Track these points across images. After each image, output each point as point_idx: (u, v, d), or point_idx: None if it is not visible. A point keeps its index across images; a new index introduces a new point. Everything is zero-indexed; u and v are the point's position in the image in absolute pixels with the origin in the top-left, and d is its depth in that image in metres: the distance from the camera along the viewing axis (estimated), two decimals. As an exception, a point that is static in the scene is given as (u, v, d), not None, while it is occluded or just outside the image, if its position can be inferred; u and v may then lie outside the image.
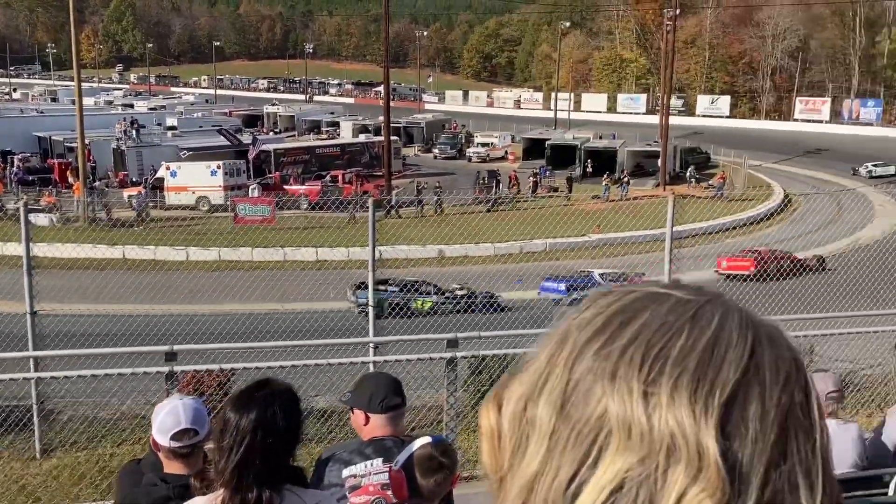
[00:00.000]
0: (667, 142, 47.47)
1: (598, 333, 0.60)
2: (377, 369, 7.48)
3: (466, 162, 56.67)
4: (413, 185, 39.78)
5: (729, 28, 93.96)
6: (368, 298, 8.61)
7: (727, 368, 0.57)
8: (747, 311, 0.62)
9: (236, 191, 37.37)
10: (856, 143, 65.95)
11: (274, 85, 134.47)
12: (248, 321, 17.87)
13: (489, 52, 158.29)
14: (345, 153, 49.49)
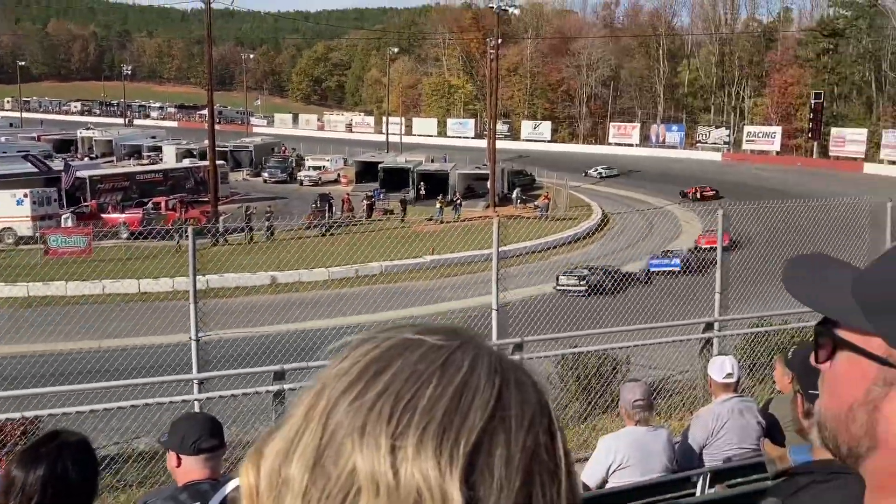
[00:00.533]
0: (494, 165, 49.23)
1: (352, 385, 0.60)
2: (202, 407, 7.13)
3: (298, 186, 55.89)
4: (242, 211, 38.68)
5: (548, 57, 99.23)
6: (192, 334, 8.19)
7: (473, 415, 0.57)
8: (498, 355, 0.63)
9: (47, 221, 34.68)
10: (662, 164, 71.57)
11: (88, 108, 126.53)
12: (61, 362, 16.54)
13: (318, 75, 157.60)
14: (168, 179, 47.29)
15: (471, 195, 50.84)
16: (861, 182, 58.16)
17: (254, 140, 71.30)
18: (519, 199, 48.83)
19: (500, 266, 9.81)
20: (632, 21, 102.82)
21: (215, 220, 34.82)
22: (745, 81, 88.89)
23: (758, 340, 9.95)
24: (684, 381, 10.17)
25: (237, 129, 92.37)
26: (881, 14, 76.33)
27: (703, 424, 4.89)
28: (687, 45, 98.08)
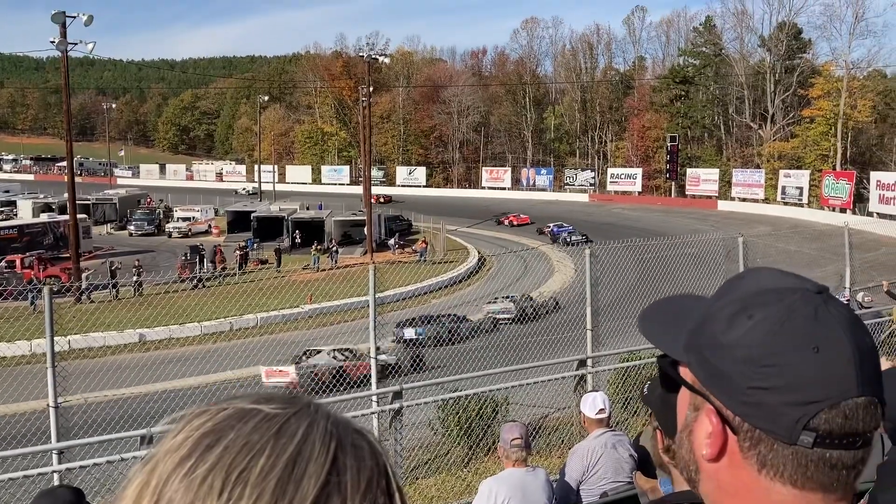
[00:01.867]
0: (371, 211, 49.32)
1: (184, 460, 0.59)
2: (62, 478, 6.64)
3: (166, 238, 53.89)
4: (106, 266, 36.82)
5: (419, 105, 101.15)
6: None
7: (307, 483, 0.58)
8: (335, 419, 0.63)
9: None
10: (533, 206, 73.97)
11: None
12: None
13: (186, 124, 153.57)
14: (24, 235, 44.45)
15: (348, 242, 50.63)
16: (716, 218, 62.24)
17: (118, 192, 68.30)
18: (396, 245, 49.03)
19: (377, 312, 9.78)
20: (499, 70, 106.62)
21: (77, 277, 32.92)
22: (606, 126, 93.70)
23: (629, 374, 10.32)
24: (562, 417, 10.40)
25: (100, 181, 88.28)
26: (726, 63, 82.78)
27: (579, 460, 5.00)
28: (551, 92, 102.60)
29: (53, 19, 33.98)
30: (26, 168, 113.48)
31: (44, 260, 38.57)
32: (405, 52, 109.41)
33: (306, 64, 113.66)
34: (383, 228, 53.85)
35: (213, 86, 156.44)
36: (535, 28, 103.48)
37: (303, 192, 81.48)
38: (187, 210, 60.09)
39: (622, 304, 17.48)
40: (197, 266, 38.80)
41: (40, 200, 60.37)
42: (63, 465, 6.89)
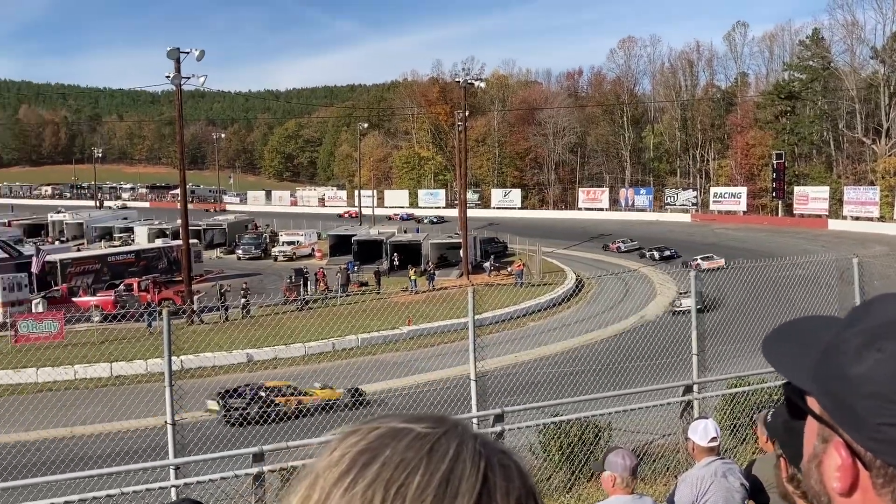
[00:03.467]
0: (466, 233, 49.60)
1: (343, 475, 0.63)
2: (179, 493, 6.96)
3: (272, 261, 55.77)
4: (216, 289, 38.40)
5: (515, 127, 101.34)
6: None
7: (461, 500, 0.61)
8: (483, 439, 0.67)
9: (17, 306, 34.13)
10: (632, 227, 72.61)
11: (59, 191, 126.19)
12: (33, 451, 16.03)
13: (290, 152, 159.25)
14: (140, 259, 46.98)
15: (444, 264, 51.03)
16: (826, 238, 59.40)
17: (227, 217, 71.35)
18: (492, 267, 49.06)
19: (476, 335, 9.82)
20: (595, 90, 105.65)
21: (190, 299, 34.48)
22: (708, 144, 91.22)
23: (737, 400, 9.97)
24: (667, 444, 10.13)
25: (210, 207, 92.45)
26: (835, 76, 79.29)
27: (689, 488, 4.87)
28: (650, 111, 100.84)
29: (169, 55, 35.99)
30: (142, 196, 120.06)
31: (159, 283, 40.58)
32: (500, 76, 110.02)
33: (404, 91, 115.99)
34: (479, 251, 54.03)
35: (316, 115, 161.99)
36: (632, 47, 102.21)
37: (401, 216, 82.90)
38: (292, 234, 62.06)
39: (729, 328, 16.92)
40: (301, 288, 39.95)
41: (155, 226, 63.79)
42: (180, 480, 7.22)
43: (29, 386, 24.19)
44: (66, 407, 20.71)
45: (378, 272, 44.98)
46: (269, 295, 38.20)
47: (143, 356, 25.16)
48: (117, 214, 78.54)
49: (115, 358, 25.71)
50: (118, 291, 38.28)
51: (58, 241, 62.41)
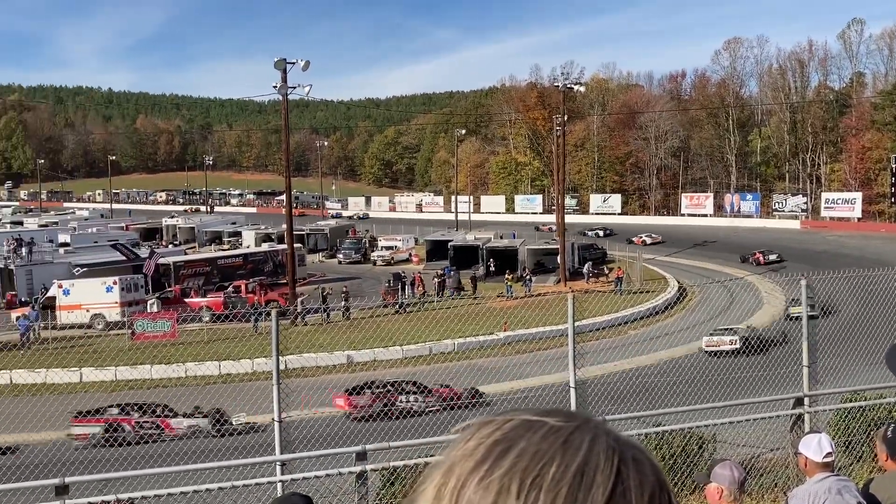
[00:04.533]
0: (564, 239, 49.14)
1: (479, 464, 0.65)
2: (285, 488, 7.20)
3: (371, 266, 56.86)
4: (318, 292, 39.45)
5: (614, 131, 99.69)
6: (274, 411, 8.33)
7: (596, 492, 0.63)
8: (615, 434, 0.69)
9: (134, 306, 36.08)
10: (738, 233, 70.12)
11: (173, 197, 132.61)
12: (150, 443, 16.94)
13: (389, 158, 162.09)
14: (247, 263, 48.81)
15: (541, 270, 50.71)
16: (952, 246, 55.65)
17: (329, 223, 73.24)
18: (590, 274, 48.42)
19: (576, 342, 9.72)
20: (699, 92, 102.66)
21: (294, 301, 35.57)
22: (819, 148, 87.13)
23: (852, 416, 9.49)
24: (775, 459, 9.74)
25: (313, 213, 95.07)
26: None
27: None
28: (757, 114, 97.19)
29: (276, 66, 37.29)
30: (250, 202, 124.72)
31: (265, 286, 42.06)
32: (600, 80, 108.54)
33: (501, 96, 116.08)
34: (577, 257, 53.44)
35: (414, 121, 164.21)
36: (738, 48, 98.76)
37: (497, 222, 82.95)
38: (390, 239, 63.13)
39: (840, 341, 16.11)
40: (399, 292, 40.57)
41: (261, 231, 66.17)
42: (286, 476, 7.47)
43: (145, 382, 25.52)
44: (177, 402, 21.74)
45: (474, 277, 45.14)
46: (369, 298, 38.98)
47: (250, 355, 26.12)
48: (226, 219, 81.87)
49: (223, 357, 26.81)
50: (227, 293, 39.86)
51: (171, 245, 65.62)
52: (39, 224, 70.58)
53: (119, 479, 8.04)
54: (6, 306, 38.91)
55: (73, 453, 13.10)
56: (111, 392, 24.07)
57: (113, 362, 26.80)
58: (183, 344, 30.07)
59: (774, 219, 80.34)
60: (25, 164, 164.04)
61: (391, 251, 59.50)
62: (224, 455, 12.96)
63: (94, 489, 8.01)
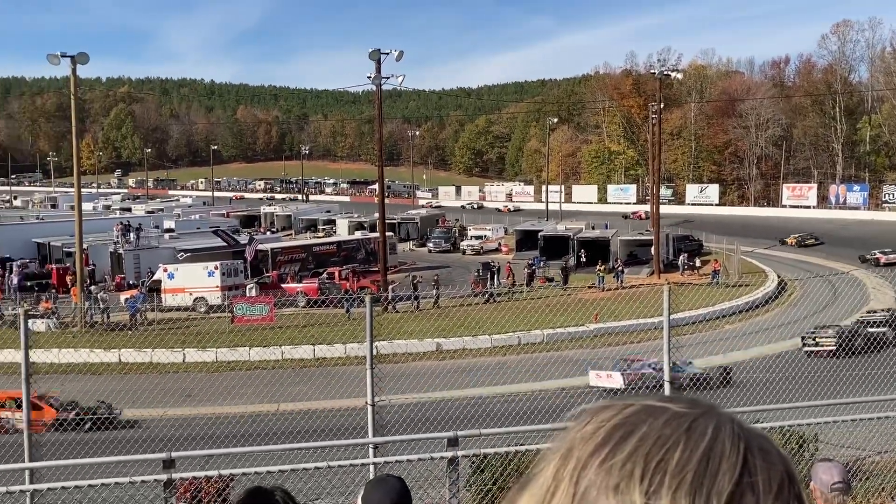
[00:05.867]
0: (658, 230, 48.04)
1: (599, 447, 0.65)
2: (377, 471, 7.36)
3: (461, 255, 57.12)
4: (409, 280, 39.96)
5: (713, 119, 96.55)
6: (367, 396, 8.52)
7: (722, 478, 0.62)
8: (739, 422, 0.67)
9: (234, 291, 37.44)
10: (844, 227, 66.85)
11: (271, 186, 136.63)
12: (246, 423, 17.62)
13: (480, 148, 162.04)
14: (341, 250, 49.86)
15: (634, 262, 49.77)
16: None
17: (419, 212, 73.98)
18: (686, 266, 47.18)
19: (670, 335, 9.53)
20: (804, 79, 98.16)
21: (385, 288, 36.16)
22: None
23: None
24: (882, 462, 9.31)
25: (404, 202, 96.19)
26: None
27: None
28: (867, 100, 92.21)
29: (370, 56, 37.83)
30: (343, 191, 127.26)
31: (357, 273, 42.92)
32: (698, 66, 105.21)
33: (595, 84, 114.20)
34: (671, 248, 52.17)
35: (506, 110, 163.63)
36: (847, 31, 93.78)
37: (588, 212, 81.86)
38: (480, 229, 63.24)
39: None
40: (488, 282, 40.64)
41: (354, 219, 67.46)
42: (379, 458, 7.65)
43: (244, 363, 26.51)
44: (274, 384, 22.51)
45: (565, 268, 44.73)
46: (458, 287, 39.21)
47: (343, 340, 26.73)
48: (321, 208, 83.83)
49: (317, 341, 27.54)
50: (321, 279, 40.85)
51: (269, 232, 67.73)
52: (146, 211, 74.15)
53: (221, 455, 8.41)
54: (116, 288, 41.06)
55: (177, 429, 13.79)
56: (212, 373, 25.11)
57: (214, 344, 27.93)
58: (279, 328, 31.05)
59: (884, 211, 76.17)
60: (134, 153, 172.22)
61: (481, 241, 59.61)
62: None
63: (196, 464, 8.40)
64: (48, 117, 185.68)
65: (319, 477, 7.37)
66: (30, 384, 8.11)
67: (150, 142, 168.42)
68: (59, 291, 38.62)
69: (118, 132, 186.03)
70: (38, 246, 50.71)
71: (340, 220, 68.35)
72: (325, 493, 7.96)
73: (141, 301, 34.71)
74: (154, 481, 6.75)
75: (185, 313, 35.57)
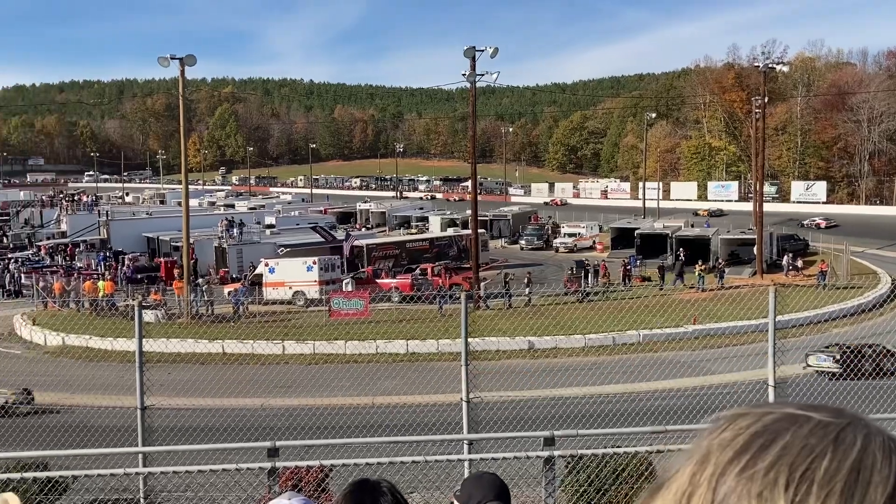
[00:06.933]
0: (762, 229, 46.25)
1: (739, 454, 0.63)
2: (472, 467, 7.39)
3: (554, 252, 56.57)
4: (501, 277, 39.88)
5: (821, 113, 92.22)
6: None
7: (874, 491, 0.59)
8: (889, 435, 0.65)
9: (331, 285, 38.29)
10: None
11: (366, 183, 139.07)
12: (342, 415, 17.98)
13: (574, 144, 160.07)
14: (433, 247, 50.24)
15: (735, 261, 48.09)
16: None
17: (512, 209, 73.74)
18: (790, 266, 45.26)
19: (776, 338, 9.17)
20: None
21: (477, 286, 36.22)
22: None
23: None
24: None
25: (496, 199, 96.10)
26: None
27: None
28: None
29: (465, 54, 37.91)
30: (436, 188, 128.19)
31: (450, 269, 43.14)
32: (805, 59, 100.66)
33: (695, 78, 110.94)
34: (775, 248, 50.17)
35: (601, 106, 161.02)
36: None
37: (687, 210, 79.65)
38: (573, 226, 62.48)
39: None
40: (582, 280, 40.10)
41: (447, 216, 67.85)
42: (475, 455, 7.67)
43: (340, 356, 27.09)
44: (368, 378, 22.91)
45: (662, 267, 43.66)
46: (551, 285, 38.85)
47: (435, 336, 26.94)
48: (414, 205, 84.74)
49: (410, 336, 27.85)
50: (414, 275, 41.29)
51: (364, 228, 68.97)
52: (249, 207, 76.71)
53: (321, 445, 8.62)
54: (220, 282, 42.71)
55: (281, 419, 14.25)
56: (309, 364, 25.78)
57: (311, 337, 28.67)
58: (374, 322, 31.55)
59: None
60: (237, 151, 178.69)
61: (574, 238, 58.90)
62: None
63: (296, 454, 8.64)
64: (158, 117, 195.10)
65: (416, 471, 7.46)
66: (143, 371, 8.54)
67: (253, 140, 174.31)
68: (167, 284, 40.47)
69: (222, 131, 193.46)
70: (147, 240, 53.33)
71: (433, 217, 68.90)
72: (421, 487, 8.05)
73: (243, 294, 35.98)
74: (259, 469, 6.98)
75: (284, 306, 36.64)
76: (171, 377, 19.75)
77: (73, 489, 8.35)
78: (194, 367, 23.56)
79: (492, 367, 22.31)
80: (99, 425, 14.93)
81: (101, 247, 52.54)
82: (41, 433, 13.84)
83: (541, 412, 16.07)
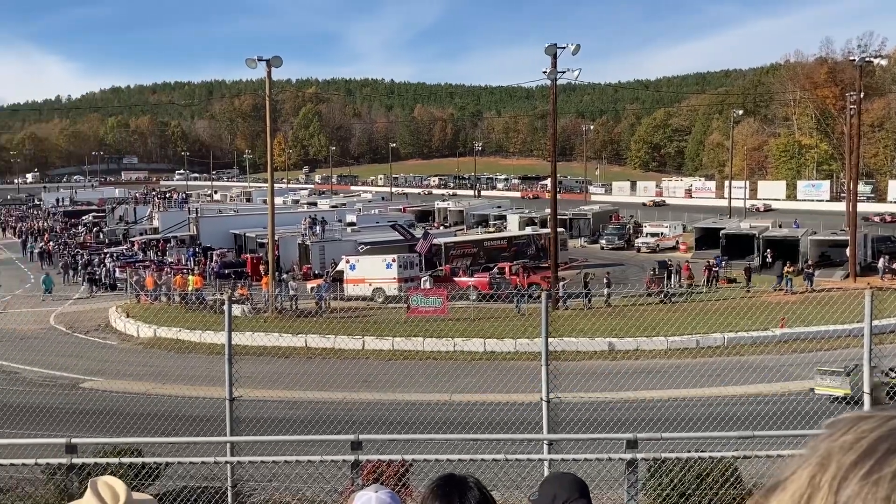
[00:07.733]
0: (855, 230, 44.31)
1: (863, 458, 0.61)
2: (552, 467, 7.36)
3: (635, 252, 55.59)
4: (580, 277, 39.45)
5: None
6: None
7: None
8: None
9: (409, 282, 38.68)
10: None
11: (445, 182, 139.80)
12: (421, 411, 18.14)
13: (657, 142, 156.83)
14: (511, 245, 50.11)
15: (826, 263, 46.24)
16: None
17: (592, 208, 72.85)
18: (886, 269, 43.22)
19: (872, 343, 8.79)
20: None
21: (556, 285, 35.95)
22: None
23: None
24: None
25: (575, 198, 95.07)
26: None
27: None
28: None
29: (546, 51, 37.63)
30: (515, 186, 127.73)
31: (528, 268, 42.95)
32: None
33: (785, 73, 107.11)
34: (869, 250, 48.00)
35: (686, 103, 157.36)
36: None
37: (776, 210, 77.01)
38: (656, 226, 61.25)
39: None
40: (665, 281, 39.29)
41: (525, 215, 67.55)
42: (554, 455, 7.63)
43: (418, 353, 27.34)
44: (446, 375, 23.03)
45: (749, 268, 42.37)
46: (632, 286, 38.19)
47: (513, 335, 26.88)
48: (492, 203, 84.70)
49: (488, 334, 27.87)
50: (492, 274, 41.29)
51: (442, 227, 69.36)
52: (331, 205, 78.24)
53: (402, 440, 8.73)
54: (303, 277, 43.72)
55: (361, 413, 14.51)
56: (388, 360, 26.13)
57: (390, 333, 29.03)
58: (452, 320, 31.69)
59: None
60: (320, 150, 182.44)
61: (657, 238, 57.75)
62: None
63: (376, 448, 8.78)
64: (244, 117, 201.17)
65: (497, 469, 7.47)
66: (232, 363, 8.84)
67: (335, 140, 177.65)
68: (253, 279, 41.67)
69: (306, 131, 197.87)
70: (234, 237, 55.07)
71: (511, 216, 68.71)
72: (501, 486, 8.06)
73: (325, 290, 36.73)
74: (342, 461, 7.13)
75: (364, 302, 37.23)
76: (256, 369, 20.33)
77: (164, 475, 8.72)
78: (278, 361, 24.19)
79: (571, 367, 22.08)
80: (188, 414, 15.53)
81: (190, 243, 54.57)
82: (136, 420, 14.49)
83: (621, 414, 15.85)
